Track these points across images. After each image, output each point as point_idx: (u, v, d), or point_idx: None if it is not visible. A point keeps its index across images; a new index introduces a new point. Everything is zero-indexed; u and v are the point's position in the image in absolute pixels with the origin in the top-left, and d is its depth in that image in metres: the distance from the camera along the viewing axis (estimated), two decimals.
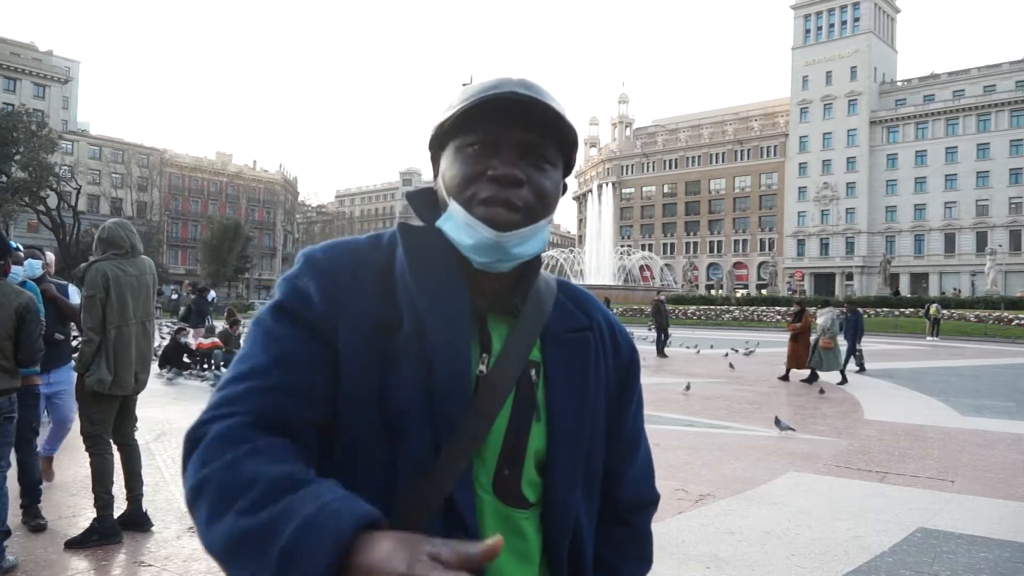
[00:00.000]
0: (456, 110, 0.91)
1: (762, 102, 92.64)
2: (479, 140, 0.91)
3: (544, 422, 0.95)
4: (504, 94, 0.89)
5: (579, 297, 1.07)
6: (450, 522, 0.87)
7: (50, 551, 4.12)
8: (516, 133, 0.91)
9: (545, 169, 0.93)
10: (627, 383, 1.07)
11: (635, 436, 1.10)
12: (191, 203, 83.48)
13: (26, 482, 4.45)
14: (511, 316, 0.96)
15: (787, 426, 8.04)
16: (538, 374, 0.96)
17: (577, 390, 0.97)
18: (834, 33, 79.70)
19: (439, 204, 0.98)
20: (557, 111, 0.92)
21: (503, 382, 0.91)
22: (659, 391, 12.04)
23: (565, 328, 1.00)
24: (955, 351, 22.66)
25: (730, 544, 4.47)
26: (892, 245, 73.47)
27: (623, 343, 1.08)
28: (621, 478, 1.07)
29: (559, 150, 0.95)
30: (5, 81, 66.39)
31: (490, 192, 0.89)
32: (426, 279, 0.90)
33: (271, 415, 0.82)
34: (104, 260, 4.24)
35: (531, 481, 0.94)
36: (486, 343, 0.94)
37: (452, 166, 0.93)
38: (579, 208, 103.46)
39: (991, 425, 9.10)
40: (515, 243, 0.90)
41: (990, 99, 70.02)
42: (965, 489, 5.91)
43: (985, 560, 4.26)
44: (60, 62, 74.38)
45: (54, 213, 49.85)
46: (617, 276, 59.08)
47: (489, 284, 0.95)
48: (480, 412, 0.88)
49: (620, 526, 1.09)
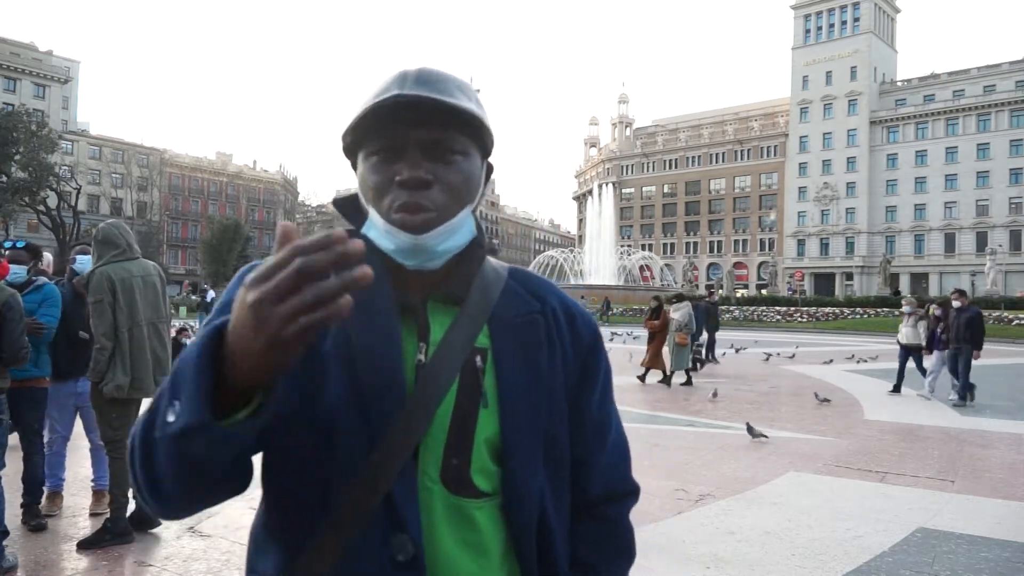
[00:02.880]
0: (353, 120, 0.92)
1: (762, 102, 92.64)
2: (382, 146, 0.91)
3: (495, 409, 0.93)
4: (395, 97, 0.88)
5: (533, 283, 1.05)
6: (391, 518, 0.87)
7: (50, 551, 4.12)
8: (416, 133, 0.90)
9: (454, 162, 0.92)
10: (588, 367, 1.04)
11: (602, 422, 1.07)
12: (191, 203, 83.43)
13: (29, 479, 4.41)
14: (455, 304, 0.96)
15: (760, 433, 7.69)
16: (484, 360, 0.94)
17: (529, 374, 0.96)
18: (834, 33, 79.70)
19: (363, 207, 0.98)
20: (454, 103, 0.90)
21: (445, 370, 0.90)
22: (659, 391, 12.09)
23: (514, 313, 0.99)
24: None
25: (730, 544, 4.47)
26: (892, 245, 73.47)
27: (583, 327, 1.05)
28: (590, 466, 1.04)
29: (468, 137, 0.94)
30: (5, 81, 66.34)
31: (401, 199, 0.90)
32: None
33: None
34: (106, 264, 4.19)
35: (484, 470, 0.92)
36: (424, 333, 0.93)
37: (365, 176, 0.93)
38: (579, 208, 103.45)
39: (991, 425, 9.09)
40: (437, 242, 0.91)
41: (990, 99, 70.02)
42: (965, 489, 5.91)
43: (985, 560, 4.26)
44: (60, 62, 74.32)
45: (54, 213, 49.80)
46: (617, 276, 59.08)
47: (426, 277, 0.95)
48: (419, 403, 0.88)
49: (595, 520, 1.05)
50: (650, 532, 4.64)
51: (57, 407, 4.73)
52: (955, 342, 11.11)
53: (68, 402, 4.76)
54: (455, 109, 0.90)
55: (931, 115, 72.93)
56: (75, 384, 4.66)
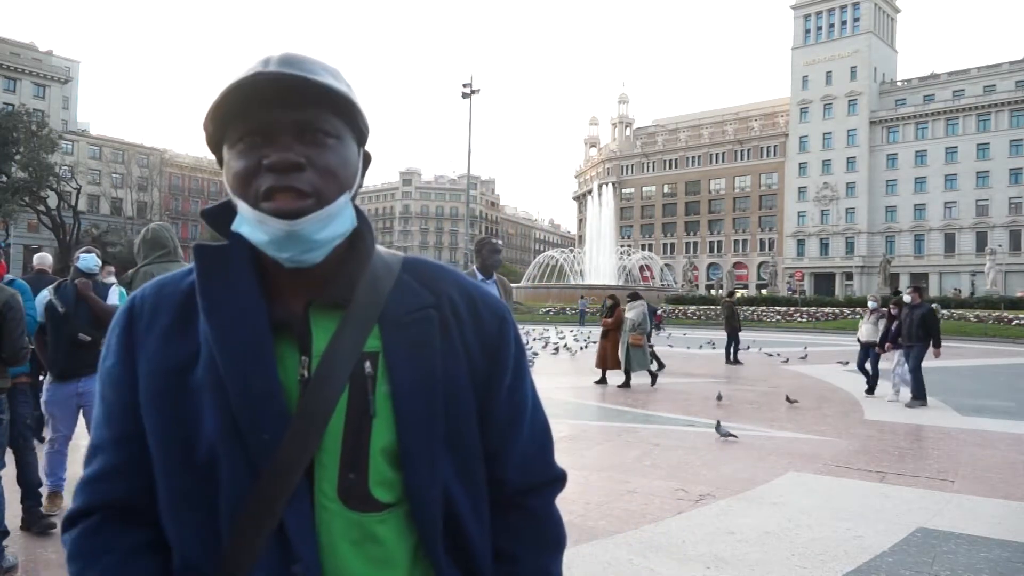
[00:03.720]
0: (211, 105, 0.84)
1: (762, 102, 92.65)
2: (248, 130, 0.84)
3: (390, 415, 0.88)
4: (254, 76, 0.82)
5: (428, 274, 0.98)
6: (283, 548, 0.83)
7: (50, 551, 4.11)
8: (284, 114, 0.84)
9: (328, 144, 0.86)
10: (496, 357, 0.98)
11: (515, 412, 1.00)
12: (191, 203, 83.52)
13: (25, 483, 4.36)
14: (341, 308, 0.89)
15: (727, 432, 7.66)
16: (375, 365, 0.88)
17: (423, 374, 0.90)
18: (834, 33, 79.72)
19: (235, 212, 0.91)
20: (321, 81, 0.84)
21: (330, 383, 0.85)
22: (659, 390, 12.07)
23: (405, 310, 0.92)
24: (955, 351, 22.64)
25: (730, 544, 4.47)
26: (892, 245, 73.49)
27: (486, 315, 0.98)
28: (504, 459, 0.99)
29: (342, 121, 0.88)
30: (5, 81, 66.33)
31: (271, 182, 0.83)
32: (216, 301, 0.86)
33: (117, 504, 0.89)
34: (152, 264, 4.26)
35: (383, 481, 0.88)
36: (305, 344, 0.87)
37: (230, 164, 0.87)
38: (579, 208, 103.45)
39: (991, 425, 9.09)
40: (314, 229, 0.84)
41: (990, 99, 70.04)
42: (965, 489, 5.90)
43: (985, 560, 4.26)
44: (60, 62, 74.31)
45: (54, 213, 49.78)
46: (617, 276, 59.08)
47: (307, 280, 0.89)
48: (305, 422, 0.83)
49: (516, 511, 1.01)
50: (650, 532, 4.64)
51: (59, 407, 4.73)
52: (907, 340, 10.77)
53: (70, 402, 4.76)
54: (325, 87, 0.84)
55: (931, 115, 72.94)
56: (77, 384, 4.65)
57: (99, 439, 0.92)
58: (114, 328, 0.92)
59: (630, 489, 5.65)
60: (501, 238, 7.73)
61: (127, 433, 0.89)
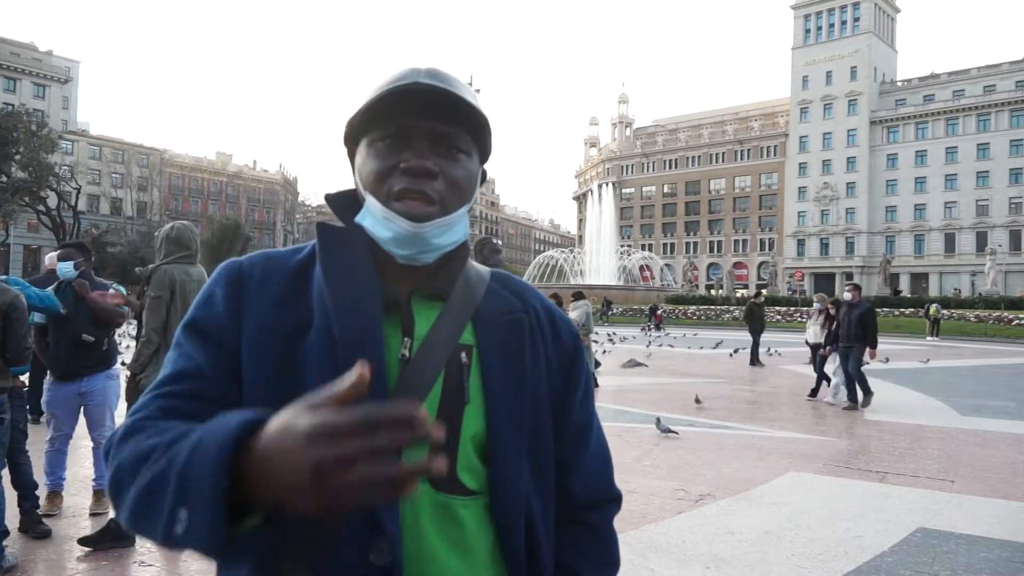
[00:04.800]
0: (364, 104, 0.91)
1: (762, 102, 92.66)
2: (389, 133, 0.91)
3: (481, 405, 0.92)
4: (409, 85, 0.89)
5: (515, 286, 1.05)
6: (368, 519, 0.83)
7: (50, 551, 4.12)
8: (426, 124, 0.90)
9: (458, 159, 0.93)
10: (571, 372, 1.05)
11: (584, 425, 1.06)
12: (191, 203, 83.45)
13: (21, 485, 4.33)
14: (440, 301, 0.95)
15: (666, 428, 7.71)
16: (469, 356, 0.93)
17: (514, 371, 0.95)
18: (834, 33, 79.71)
19: (358, 203, 0.97)
20: (466, 99, 0.91)
21: (429, 365, 0.89)
22: (659, 391, 12.06)
23: (498, 312, 0.98)
24: (955, 351, 22.65)
25: (730, 544, 4.47)
26: (892, 245, 73.47)
27: (564, 331, 1.06)
28: (573, 470, 1.03)
29: (472, 138, 0.95)
30: (5, 81, 66.34)
31: (404, 184, 0.89)
32: (336, 275, 0.90)
33: (173, 409, 0.84)
34: (171, 263, 4.27)
35: (470, 467, 0.91)
36: (408, 327, 0.92)
37: (366, 161, 0.93)
38: (579, 208, 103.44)
39: (991, 425, 9.09)
40: (434, 234, 0.90)
41: (990, 99, 70.03)
42: (965, 489, 5.91)
43: (985, 560, 4.26)
44: (60, 62, 74.32)
45: (54, 213, 49.82)
46: (617, 276, 59.07)
47: (413, 272, 0.94)
48: (403, 395, 0.86)
49: (578, 526, 1.05)
50: (650, 532, 4.64)
51: (61, 406, 4.73)
52: (846, 341, 10.31)
53: (72, 402, 4.76)
54: (469, 106, 0.91)
55: (931, 115, 72.93)
56: (78, 384, 4.66)
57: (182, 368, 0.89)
58: (217, 282, 0.94)
59: (630, 489, 5.65)
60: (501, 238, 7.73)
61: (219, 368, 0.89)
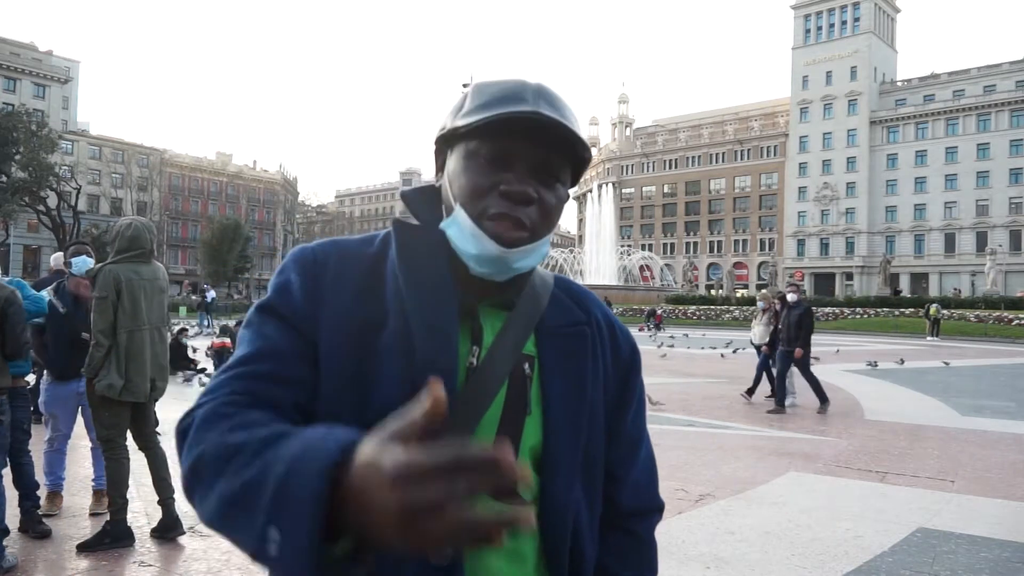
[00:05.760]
0: (476, 120, 0.88)
1: (762, 102, 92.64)
2: (493, 152, 0.89)
3: (539, 416, 0.93)
4: (528, 114, 0.87)
5: (578, 294, 1.06)
6: None
7: (50, 551, 4.12)
8: (531, 149, 0.89)
9: (555, 187, 0.92)
10: (627, 382, 1.06)
11: (636, 437, 1.08)
12: (191, 203, 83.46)
13: (23, 485, 4.34)
14: (505, 310, 0.96)
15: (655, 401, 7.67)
16: (532, 367, 0.94)
17: (574, 384, 0.96)
18: (834, 33, 79.68)
19: (440, 201, 0.97)
20: (575, 132, 0.90)
21: (494, 374, 0.90)
22: (660, 391, 12.06)
23: (561, 323, 0.99)
24: (955, 351, 22.64)
25: (730, 544, 4.47)
26: (892, 245, 73.44)
27: (623, 342, 1.07)
28: (622, 480, 1.05)
29: (570, 166, 0.94)
30: (5, 81, 66.33)
31: (501, 208, 0.88)
32: (414, 275, 0.90)
33: (252, 394, 0.82)
34: (116, 263, 4.19)
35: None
36: (477, 336, 0.92)
37: (462, 173, 0.91)
38: (579, 208, 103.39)
39: (991, 425, 9.09)
40: (519, 258, 0.90)
41: (990, 99, 70.01)
42: (965, 489, 5.91)
43: (985, 560, 4.26)
44: (60, 62, 74.32)
45: (54, 213, 49.78)
46: (617, 276, 59.08)
47: (483, 282, 0.94)
48: (468, 404, 0.87)
49: (622, 533, 1.06)
50: None
51: (60, 407, 4.73)
52: (785, 342, 9.87)
53: (71, 402, 4.76)
54: (578, 139, 0.90)
55: (931, 115, 72.91)
56: (78, 384, 4.66)
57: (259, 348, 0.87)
58: (291, 268, 0.93)
59: None
60: None
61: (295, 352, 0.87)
